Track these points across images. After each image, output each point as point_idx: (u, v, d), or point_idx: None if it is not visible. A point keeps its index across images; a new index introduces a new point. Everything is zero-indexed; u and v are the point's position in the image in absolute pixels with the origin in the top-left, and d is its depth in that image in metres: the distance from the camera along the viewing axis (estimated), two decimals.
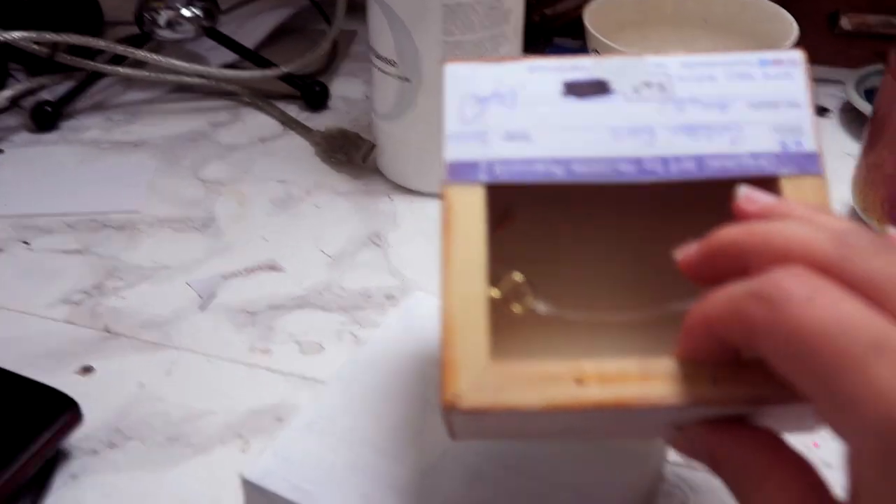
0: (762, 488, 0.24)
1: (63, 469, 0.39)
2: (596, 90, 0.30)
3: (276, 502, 0.33)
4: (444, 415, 0.27)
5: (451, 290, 0.28)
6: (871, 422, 0.20)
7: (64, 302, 0.49)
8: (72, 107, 0.65)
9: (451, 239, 0.28)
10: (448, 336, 0.27)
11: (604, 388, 0.26)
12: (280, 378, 0.44)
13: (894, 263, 0.22)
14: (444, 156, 0.29)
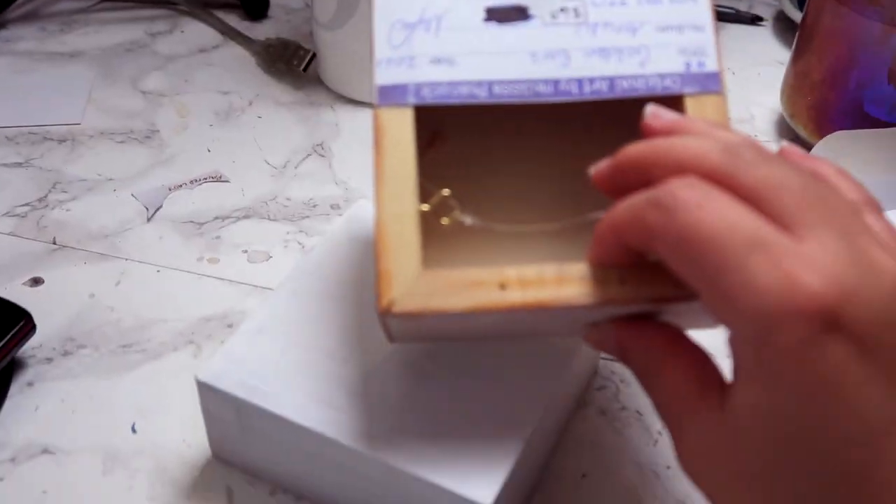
0: (662, 373, 0.27)
1: (19, 378, 0.41)
2: (516, 16, 0.31)
3: (228, 401, 0.34)
4: (381, 319, 0.29)
5: (383, 207, 0.29)
6: (745, 312, 0.23)
7: (8, 215, 0.49)
8: (4, 16, 0.64)
9: (382, 158, 0.30)
10: (382, 248, 0.29)
11: (524, 292, 0.28)
12: (229, 286, 0.45)
13: (776, 173, 0.24)
14: (374, 80, 0.30)
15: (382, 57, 0.31)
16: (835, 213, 0.24)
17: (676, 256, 0.25)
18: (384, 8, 0.31)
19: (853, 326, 0.22)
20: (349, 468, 0.33)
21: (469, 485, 0.31)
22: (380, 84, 0.30)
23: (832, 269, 0.22)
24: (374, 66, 0.31)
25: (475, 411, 0.34)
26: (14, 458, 0.37)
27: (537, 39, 0.31)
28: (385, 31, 0.31)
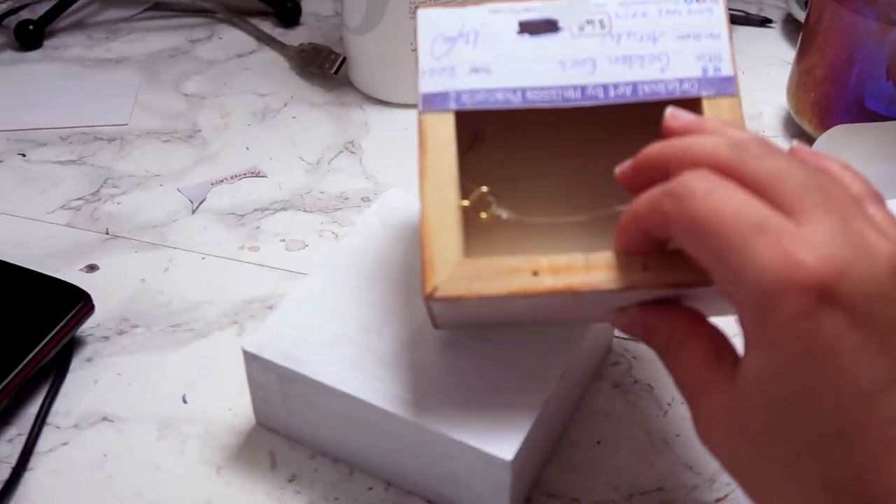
0: (683, 350, 0.30)
1: (79, 354, 0.44)
2: (546, 28, 0.35)
3: (272, 369, 0.38)
4: (426, 304, 0.32)
5: (427, 202, 0.33)
6: (749, 288, 0.26)
7: (64, 208, 0.53)
8: (53, 26, 0.68)
9: (425, 158, 0.33)
10: (426, 239, 0.32)
11: (555, 278, 0.31)
12: (268, 271, 0.49)
13: (780, 165, 0.27)
14: (418, 88, 0.34)
15: (426, 67, 0.35)
16: (834, 200, 0.27)
17: (689, 240, 0.28)
18: (426, 24, 0.35)
19: (846, 299, 0.25)
20: (382, 430, 0.37)
21: (492, 443, 0.35)
22: (424, 92, 0.34)
23: (828, 248, 0.25)
24: (419, 75, 0.34)
25: (497, 378, 0.37)
26: (77, 425, 0.41)
27: (566, 49, 0.35)
28: (428, 44, 0.35)
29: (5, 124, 0.59)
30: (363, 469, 0.39)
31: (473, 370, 0.37)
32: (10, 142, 0.58)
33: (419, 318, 0.39)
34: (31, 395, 0.42)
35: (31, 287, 0.44)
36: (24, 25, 0.66)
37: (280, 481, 0.39)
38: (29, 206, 0.53)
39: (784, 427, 0.26)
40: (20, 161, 0.56)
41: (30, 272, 0.45)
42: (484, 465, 0.35)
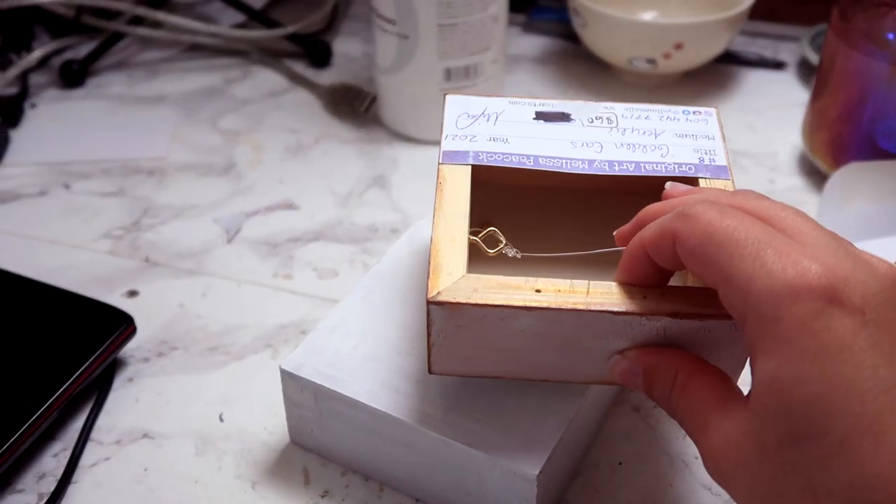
0: (688, 386, 0.31)
1: (121, 374, 0.46)
2: (559, 118, 0.40)
3: (307, 387, 0.40)
4: (427, 315, 0.34)
5: (438, 230, 0.35)
6: (761, 293, 0.27)
7: (106, 237, 0.55)
8: (96, 65, 0.71)
9: (441, 197, 0.37)
10: (435, 257, 0.34)
11: (557, 296, 0.33)
12: (301, 298, 0.51)
13: (777, 205, 0.30)
14: (441, 148, 0.39)
15: (449, 133, 0.39)
16: (830, 233, 0.29)
17: (699, 255, 0.29)
18: (453, 105, 0.41)
19: (854, 301, 0.26)
20: (412, 446, 0.38)
21: (519, 458, 0.36)
22: (445, 150, 0.39)
23: (832, 259, 0.27)
24: (442, 139, 0.39)
25: (523, 397, 0.39)
26: (119, 441, 0.43)
27: (576, 134, 0.40)
28: (453, 118, 0.40)
29: (51, 157, 0.62)
30: (393, 486, 0.41)
31: (500, 390, 0.39)
32: (54, 174, 0.61)
33: None
34: (76, 412, 0.44)
35: (77, 310, 0.46)
36: (68, 65, 0.69)
37: (313, 497, 0.40)
38: (73, 235, 0.55)
39: (808, 429, 0.26)
40: (64, 192, 0.59)
41: (76, 296, 0.47)
42: (511, 480, 0.36)
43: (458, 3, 0.58)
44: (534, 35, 0.76)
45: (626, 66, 0.66)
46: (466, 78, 0.60)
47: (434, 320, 0.34)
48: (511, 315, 0.33)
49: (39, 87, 0.69)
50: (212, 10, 0.76)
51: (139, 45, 0.75)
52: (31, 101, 0.68)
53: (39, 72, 0.71)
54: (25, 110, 0.67)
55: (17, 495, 0.41)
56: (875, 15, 0.53)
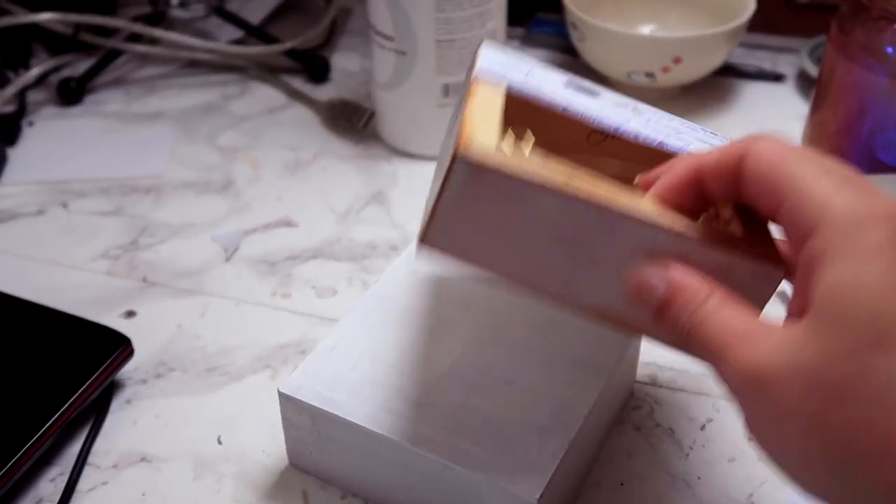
0: (722, 308, 0.29)
1: (118, 396, 0.46)
2: (588, 92, 0.39)
3: (305, 410, 0.39)
4: (450, 171, 0.30)
5: (472, 106, 0.32)
6: (842, 206, 0.27)
7: (104, 256, 0.55)
8: (93, 83, 0.71)
9: (473, 98, 0.33)
10: (469, 118, 0.31)
11: (590, 188, 0.31)
12: (300, 318, 0.51)
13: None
14: (477, 69, 0.36)
15: (485, 68, 0.36)
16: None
17: (772, 173, 0.29)
18: (488, 53, 0.38)
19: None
20: (411, 469, 0.38)
21: (519, 481, 0.36)
22: (478, 71, 0.36)
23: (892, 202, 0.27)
24: (479, 68, 0.36)
25: (523, 419, 0.38)
26: (116, 465, 0.43)
27: (603, 109, 0.38)
28: (487, 59, 0.37)
29: (47, 176, 0.62)
30: None
31: (499, 411, 0.39)
32: (52, 192, 0.60)
33: (446, 362, 0.41)
34: (73, 435, 0.44)
35: (73, 332, 0.46)
36: (65, 83, 0.69)
37: None
38: (70, 255, 0.55)
39: (885, 337, 0.25)
40: (62, 211, 0.59)
41: (72, 318, 0.47)
42: (511, 503, 0.36)
43: (457, 19, 0.57)
44: (532, 48, 0.76)
45: (625, 80, 0.66)
46: None
47: (453, 180, 0.30)
48: (540, 196, 0.30)
49: (37, 104, 0.69)
50: (209, 25, 0.76)
51: (137, 61, 0.75)
52: (28, 118, 0.68)
53: (37, 89, 0.71)
54: (23, 128, 0.67)
55: None
56: (874, 28, 0.53)
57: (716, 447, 0.43)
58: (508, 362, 0.41)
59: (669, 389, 0.46)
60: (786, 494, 0.41)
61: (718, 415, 0.45)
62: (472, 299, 0.44)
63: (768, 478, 0.42)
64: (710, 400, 0.45)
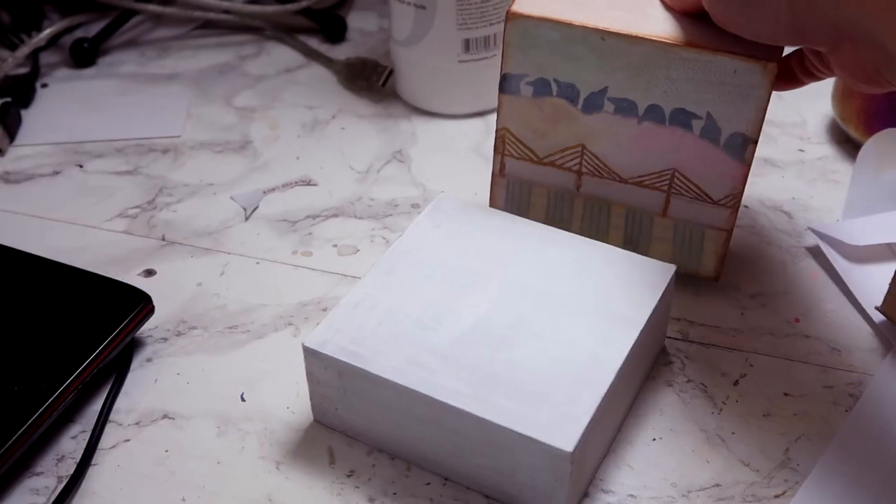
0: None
1: (139, 354, 0.45)
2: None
3: (331, 365, 0.39)
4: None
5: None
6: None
7: (121, 216, 0.54)
8: (107, 44, 0.70)
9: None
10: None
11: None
12: (321, 275, 0.50)
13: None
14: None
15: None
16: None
17: None
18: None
19: None
20: (440, 424, 0.37)
21: (553, 435, 0.35)
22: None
23: None
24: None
25: (554, 373, 0.37)
26: (139, 422, 0.42)
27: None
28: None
29: (63, 137, 0.61)
30: (421, 465, 0.40)
31: (530, 365, 0.38)
32: (67, 154, 0.59)
33: (474, 316, 0.40)
34: (94, 393, 0.43)
35: (93, 289, 0.45)
36: (79, 44, 0.68)
37: (339, 476, 0.39)
38: (87, 215, 0.54)
39: None
40: (78, 172, 0.58)
41: (93, 275, 0.46)
42: (544, 457, 0.35)
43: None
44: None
45: None
46: (486, 49, 0.59)
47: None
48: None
49: (50, 66, 0.68)
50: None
51: (151, 22, 0.73)
52: (41, 80, 0.67)
53: (50, 51, 0.69)
54: (37, 90, 0.66)
55: (36, 478, 0.40)
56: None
57: (750, 402, 0.42)
58: (538, 316, 0.40)
59: (701, 345, 0.45)
60: (823, 449, 0.40)
61: (752, 370, 0.44)
62: (499, 253, 0.43)
63: (805, 433, 0.41)
64: (744, 355, 0.44)
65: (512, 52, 0.43)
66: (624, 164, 0.45)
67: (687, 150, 0.43)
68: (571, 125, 0.45)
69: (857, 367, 0.44)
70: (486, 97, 0.61)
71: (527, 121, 0.45)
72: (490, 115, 0.62)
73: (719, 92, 0.41)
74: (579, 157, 0.45)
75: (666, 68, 0.41)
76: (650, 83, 0.42)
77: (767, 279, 0.49)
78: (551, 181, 0.47)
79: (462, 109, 0.61)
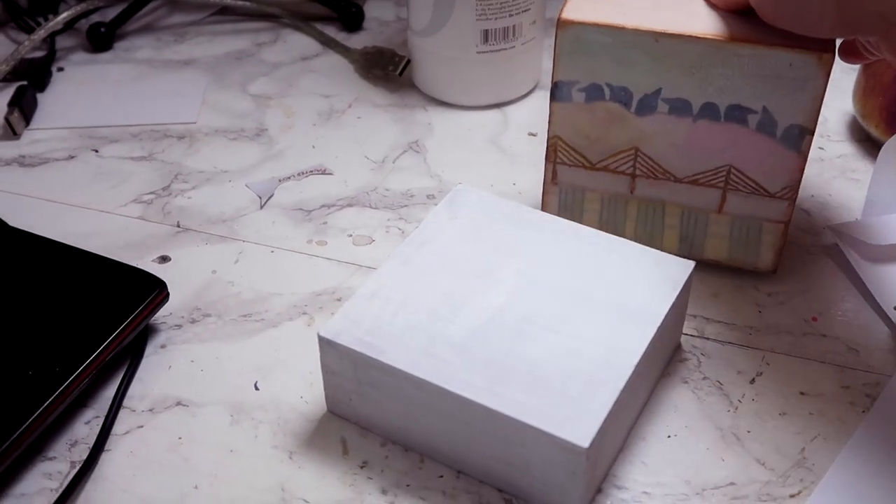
0: None
1: (153, 341, 0.45)
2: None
3: (347, 355, 0.38)
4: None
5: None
6: None
7: (136, 202, 0.54)
8: (123, 28, 0.70)
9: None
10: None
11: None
12: (336, 265, 0.49)
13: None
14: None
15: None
16: None
17: None
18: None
19: None
20: (455, 417, 0.37)
21: (568, 430, 0.35)
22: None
23: None
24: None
25: (571, 367, 0.37)
26: (152, 409, 0.42)
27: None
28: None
29: (78, 121, 0.61)
30: (434, 457, 0.39)
31: (546, 359, 0.37)
32: (82, 138, 0.59)
33: (491, 309, 0.39)
34: (108, 379, 0.43)
35: (108, 275, 0.45)
36: (95, 28, 0.68)
37: (352, 467, 0.39)
38: (102, 200, 0.54)
39: None
40: (93, 157, 0.58)
41: (107, 260, 0.46)
42: (559, 452, 0.35)
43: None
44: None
45: None
46: (505, 40, 0.58)
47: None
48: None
49: (66, 50, 0.68)
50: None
51: (167, 8, 0.73)
52: (58, 64, 0.67)
53: (66, 35, 0.69)
54: (53, 74, 0.65)
55: (48, 462, 0.40)
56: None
57: (766, 401, 0.42)
58: (554, 309, 0.39)
59: (717, 342, 0.45)
60: (839, 449, 0.40)
61: (769, 368, 0.43)
62: (516, 246, 0.43)
63: (821, 432, 0.40)
64: (760, 353, 0.44)
65: (563, 59, 0.43)
66: (679, 164, 0.45)
67: (743, 145, 0.43)
68: (625, 128, 0.44)
69: (874, 368, 0.43)
70: (504, 89, 0.61)
71: (579, 127, 0.45)
72: (507, 107, 0.61)
73: (775, 85, 0.41)
74: (633, 160, 0.45)
75: (721, 65, 0.41)
76: (704, 81, 0.42)
77: (785, 277, 0.48)
78: (605, 186, 0.47)
79: (479, 101, 0.61)
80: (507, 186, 0.55)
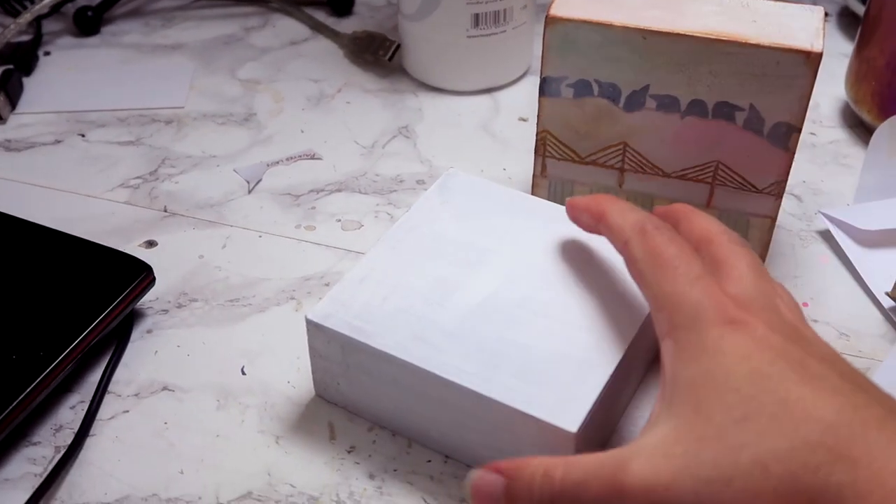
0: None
1: (139, 325, 0.45)
2: None
3: (335, 339, 0.38)
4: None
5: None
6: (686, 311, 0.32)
7: (123, 186, 0.53)
8: (111, 12, 0.69)
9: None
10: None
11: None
12: (325, 250, 0.49)
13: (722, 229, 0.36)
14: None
15: None
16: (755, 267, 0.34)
17: (647, 265, 0.34)
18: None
19: (760, 330, 0.30)
20: (443, 401, 0.37)
21: (557, 414, 0.34)
22: None
23: (747, 296, 0.32)
24: None
25: (560, 352, 0.37)
26: (138, 394, 0.41)
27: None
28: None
29: (65, 106, 0.60)
30: (422, 442, 0.39)
31: (536, 344, 0.37)
32: (69, 123, 0.59)
33: (481, 294, 0.39)
34: (94, 364, 0.43)
35: (94, 259, 0.45)
36: (82, 12, 0.67)
37: (339, 452, 0.39)
38: (89, 185, 0.54)
39: (745, 411, 0.28)
40: (80, 141, 0.57)
41: (94, 245, 0.45)
42: (548, 437, 0.35)
43: None
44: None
45: None
46: (495, 24, 0.58)
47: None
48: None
49: (53, 34, 0.67)
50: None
51: None
52: (44, 48, 0.66)
53: (53, 19, 0.69)
54: (39, 58, 0.65)
55: (33, 447, 0.39)
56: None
57: None
58: (545, 295, 0.39)
59: None
60: None
61: None
62: (507, 231, 0.42)
63: None
64: None
65: (552, 55, 0.43)
66: (667, 159, 0.45)
67: (730, 142, 0.43)
68: (613, 124, 0.44)
69: (866, 353, 0.43)
70: (494, 73, 0.61)
71: (568, 122, 0.45)
72: (498, 92, 0.61)
73: (763, 83, 0.41)
74: (621, 155, 0.45)
75: (709, 63, 0.41)
76: (692, 78, 0.42)
77: (777, 263, 0.48)
78: (593, 179, 0.47)
79: (470, 86, 0.61)
80: (497, 172, 0.54)
